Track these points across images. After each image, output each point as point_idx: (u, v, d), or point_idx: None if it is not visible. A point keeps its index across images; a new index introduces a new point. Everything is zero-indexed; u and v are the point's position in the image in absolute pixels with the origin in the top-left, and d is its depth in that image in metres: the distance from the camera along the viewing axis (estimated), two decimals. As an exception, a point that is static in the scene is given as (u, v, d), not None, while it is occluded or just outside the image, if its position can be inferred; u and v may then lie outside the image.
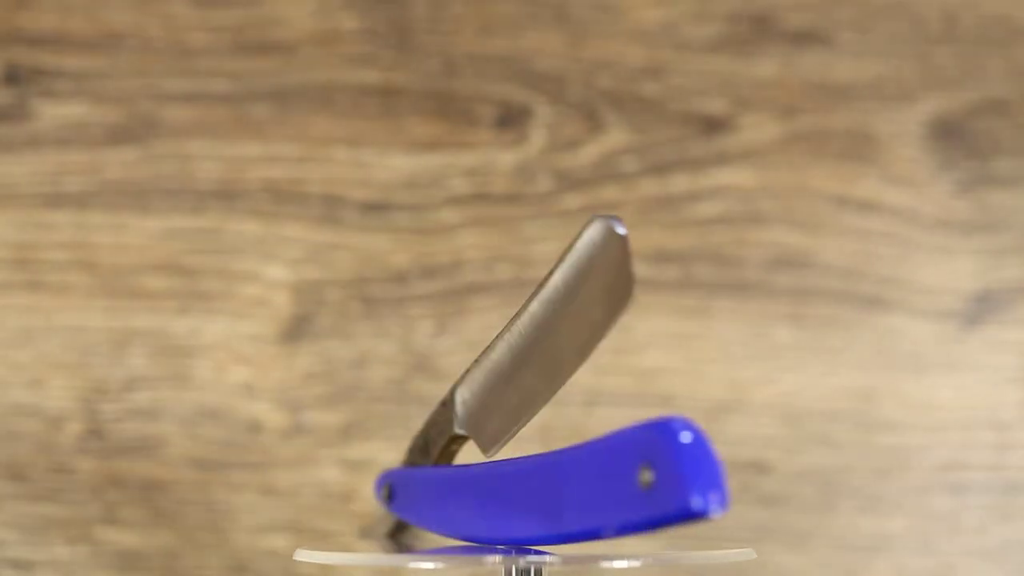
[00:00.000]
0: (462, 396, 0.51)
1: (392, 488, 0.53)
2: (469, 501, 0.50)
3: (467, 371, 0.51)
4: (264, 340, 0.72)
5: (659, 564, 0.48)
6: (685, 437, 0.44)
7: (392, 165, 0.72)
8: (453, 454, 0.52)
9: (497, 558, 0.47)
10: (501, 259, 0.72)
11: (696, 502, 0.43)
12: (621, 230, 0.46)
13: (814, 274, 0.72)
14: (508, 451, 0.51)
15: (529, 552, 0.48)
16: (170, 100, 0.72)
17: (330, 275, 0.72)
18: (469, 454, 0.52)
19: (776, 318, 0.72)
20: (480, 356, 0.51)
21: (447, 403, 0.51)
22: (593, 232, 0.47)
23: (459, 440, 0.52)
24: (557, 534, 0.47)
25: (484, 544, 0.50)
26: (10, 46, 0.72)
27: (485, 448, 0.51)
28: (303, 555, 0.50)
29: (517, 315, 0.50)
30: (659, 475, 0.43)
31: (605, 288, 0.47)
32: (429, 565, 0.47)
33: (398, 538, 0.55)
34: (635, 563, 0.47)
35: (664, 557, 0.48)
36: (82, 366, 0.71)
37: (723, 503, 0.43)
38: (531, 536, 0.48)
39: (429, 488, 0.52)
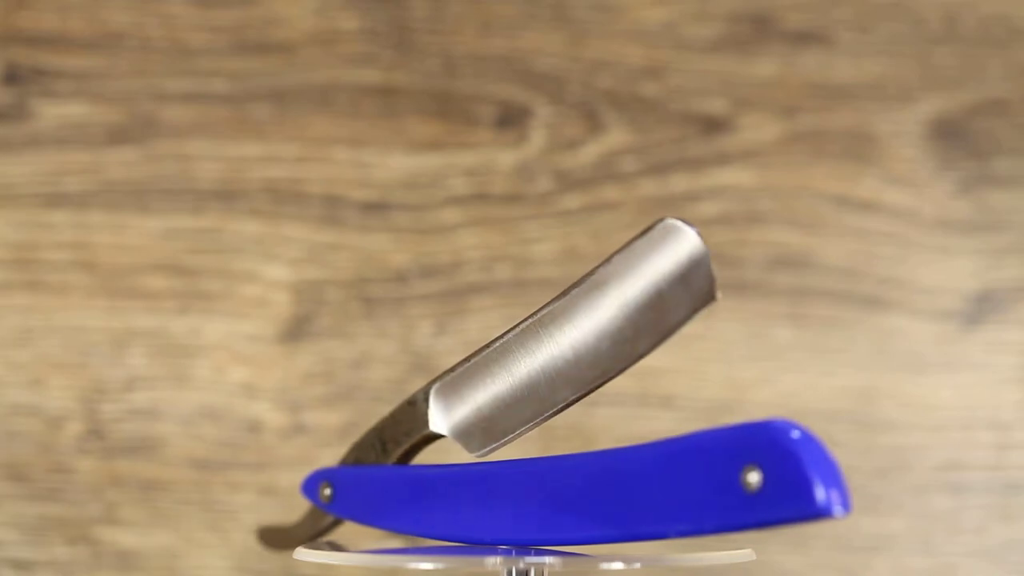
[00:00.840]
0: (445, 396, 0.51)
1: (335, 488, 0.53)
2: (467, 501, 0.50)
3: (453, 372, 0.51)
4: (264, 340, 0.72)
5: (658, 565, 0.48)
6: (797, 437, 0.44)
7: (392, 165, 0.72)
8: (415, 454, 0.52)
9: (498, 559, 0.47)
10: (501, 259, 0.72)
11: (820, 502, 0.43)
12: (694, 235, 0.48)
13: (814, 274, 0.72)
14: (503, 452, 0.51)
15: (528, 553, 0.48)
16: (170, 100, 0.72)
17: (330, 275, 0.72)
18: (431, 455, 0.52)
19: (776, 318, 0.72)
20: (474, 357, 0.50)
21: (415, 402, 0.51)
22: (664, 237, 0.48)
23: (428, 440, 0.51)
24: (619, 535, 0.46)
25: (478, 544, 0.50)
26: (10, 46, 0.72)
27: (475, 449, 0.50)
28: (302, 554, 0.50)
29: (533, 320, 0.50)
30: (770, 477, 0.43)
31: (687, 292, 0.48)
32: (429, 565, 0.47)
33: (324, 540, 0.54)
34: (635, 565, 0.47)
35: (663, 558, 0.48)
36: (82, 366, 0.71)
37: (846, 503, 0.43)
38: (569, 537, 0.48)
39: (403, 488, 0.51)
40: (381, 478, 0.52)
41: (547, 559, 0.47)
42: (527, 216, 0.72)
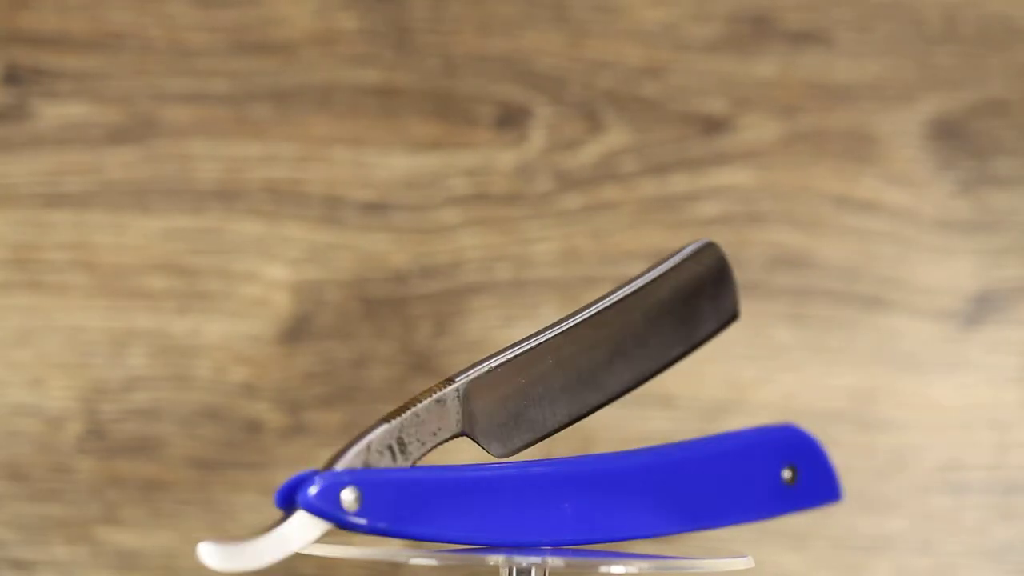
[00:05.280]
0: (474, 396, 0.50)
1: (364, 494, 0.48)
2: (513, 502, 0.49)
3: (479, 372, 0.50)
4: (264, 340, 0.72)
5: (658, 570, 0.48)
6: (816, 440, 0.55)
7: (392, 165, 0.72)
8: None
9: (500, 558, 0.47)
10: (501, 259, 0.72)
11: (839, 493, 0.54)
12: (721, 252, 0.54)
13: (814, 274, 0.72)
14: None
15: (534, 553, 0.48)
16: (170, 100, 0.72)
17: (330, 275, 0.72)
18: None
19: (776, 318, 0.72)
20: (501, 359, 0.50)
21: (444, 401, 0.50)
22: (698, 252, 0.53)
23: (449, 440, 0.50)
24: (674, 528, 0.52)
25: (525, 547, 0.49)
26: (10, 46, 0.72)
27: (498, 452, 0.50)
28: (306, 548, 0.50)
29: (571, 323, 0.51)
30: (803, 473, 0.53)
31: (713, 306, 0.54)
32: (431, 561, 0.47)
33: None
34: (631, 570, 0.47)
35: (663, 563, 0.49)
36: (82, 366, 0.71)
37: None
38: (626, 532, 0.51)
39: (446, 492, 0.49)
40: (423, 481, 0.48)
41: (548, 558, 0.47)
42: (527, 216, 0.72)
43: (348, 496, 0.47)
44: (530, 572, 0.49)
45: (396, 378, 0.71)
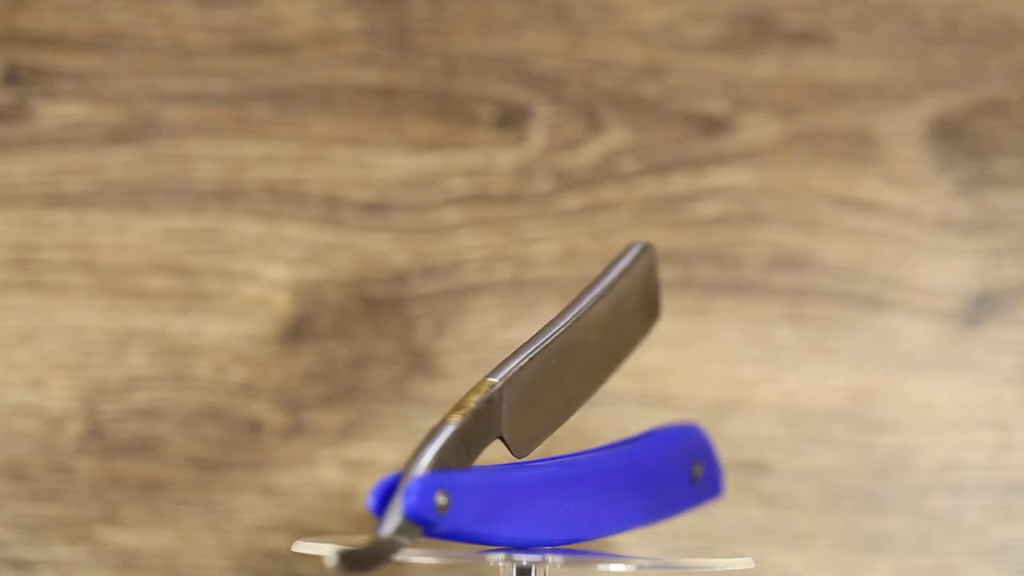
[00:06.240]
0: (509, 395, 0.49)
1: (453, 497, 0.46)
2: (574, 500, 0.50)
3: (511, 370, 0.50)
4: (264, 340, 0.72)
5: (657, 568, 0.48)
6: (710, 441, 0.57)
7: (392, 165, 0.72)
8: None
9: (500, 556, 0.47)
10: (501, 259, 0.72)
11: (722, 488, 0.58)
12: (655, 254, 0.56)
13: (814, 274, 0.72)
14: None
15: (539, 553, 0.48)
16: (170, 100, 0.72)
17: (330, 275, 0.72)
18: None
19: (776, 318, 0.72)
20: (522, 356, 0.50)
21: (493, 401, 0.48)
22: (634, 252, 0.56)
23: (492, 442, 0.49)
24: (626, 525, 0.53)
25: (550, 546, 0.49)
26: (10, 46, 0.72)
27: (520, 451, 0.50)
28: (301, 547, 0.50)
29: (564, 318, 0.51)
30: (706, 470, 0.56)
31: (641, 303, 0.56)
32: (432, 560, 0.47)
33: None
34: (631, 568, 0.47)
35: (663, 561, 0.49)
36: (82, 366, 0.71)
37: None
38: (601, 531, 0.52)
39: (526, 492, 0.49)
40: (509, 483, 0.48)
41: (548, 557, 0.47)
42: (527, 216, 0.72)
43: (441, 500, 0.46)
44: (530, 571, 0.49)
45: (396, 378, 0.71)
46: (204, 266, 0.72)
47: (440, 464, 0.46)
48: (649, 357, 0.71)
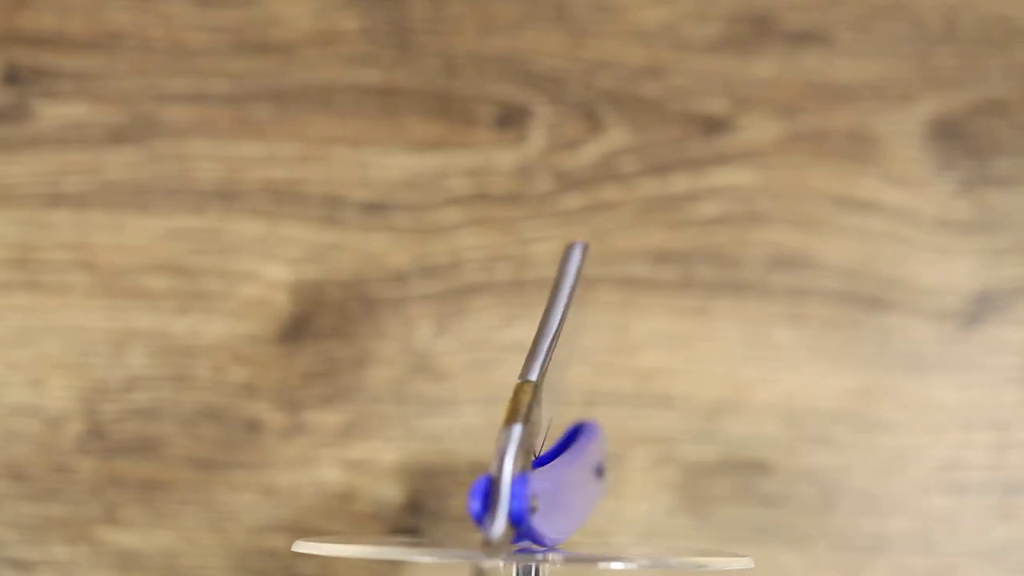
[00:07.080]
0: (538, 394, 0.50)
1: (539, 500, 0.47)
2: (564, 501, 0.51)
3: (544, 367, 0.50)
4: (264, 340, 0.72)
5: (657, 568, 0.49)
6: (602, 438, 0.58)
7: (392, 165, 0.73)
8: None
9: (501, 557, 0.47)
10: (501, 259, 0.72)
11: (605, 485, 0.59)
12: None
13: (814, 274, 0.72)
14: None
15: (532, 552, 0.48)
16: (170, 100, 0.72)
17: (330, 275, 0.72)
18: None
19: (776, 318, 0.72)
20: (545, 354, 0.50)
21: (540, 403, 0.49)
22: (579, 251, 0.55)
23: None
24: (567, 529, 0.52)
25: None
26: (10, 46, 0.72)
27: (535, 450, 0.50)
28: (301, 547, 0.50)
29: (556, 315, 0.51)
30: (604, 466, 0.58)
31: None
32: (431, 559, 0.47)
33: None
34: (631, 567, 0.47)
35: (663, 561, 0.49)
36: (82, 366, 0.71)
37: None
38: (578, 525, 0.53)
39: (558, 493, 0.49)
40: (561, 483, 0.50)
41: (549, 556, 0.47)
42: (527, 216, 0.72)
43: (535, 503, 0.47)
44: (530, 571, 0.49)
45: (396, 378, 0.71)
46: (204, 266, 0.72)
47: (521, 467, 0.47)
48: (649, 357, 0.71)
